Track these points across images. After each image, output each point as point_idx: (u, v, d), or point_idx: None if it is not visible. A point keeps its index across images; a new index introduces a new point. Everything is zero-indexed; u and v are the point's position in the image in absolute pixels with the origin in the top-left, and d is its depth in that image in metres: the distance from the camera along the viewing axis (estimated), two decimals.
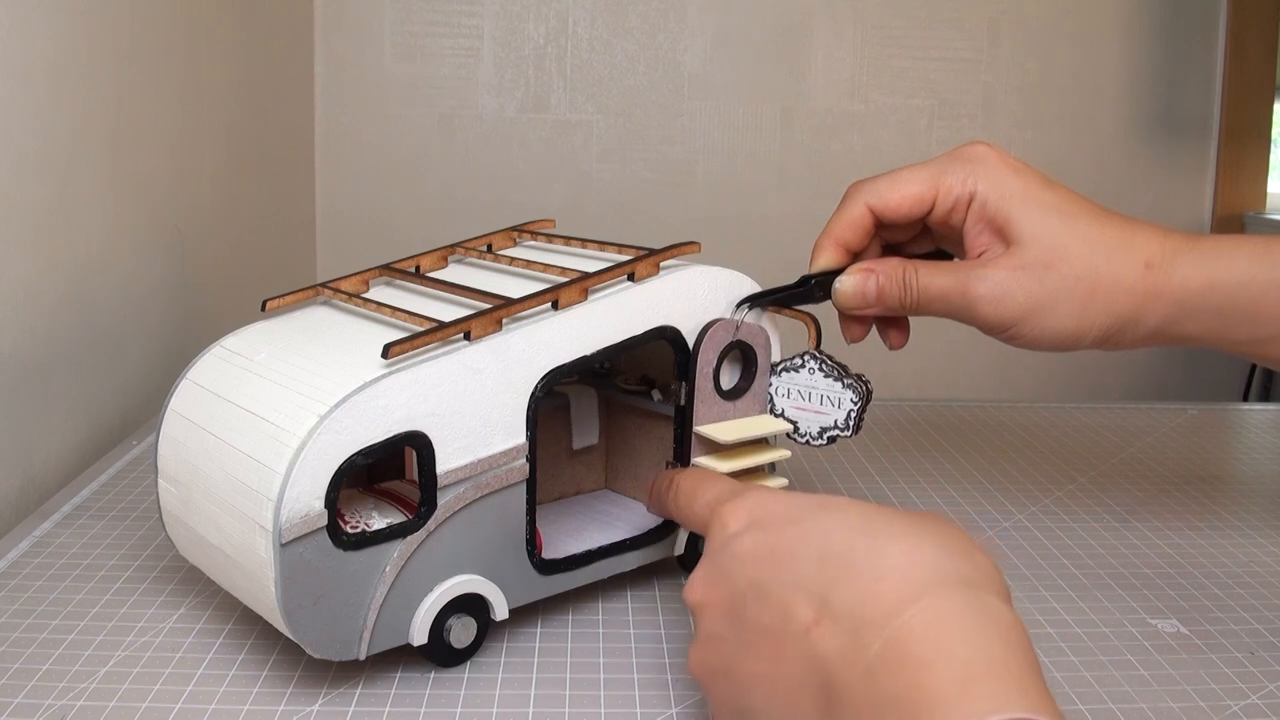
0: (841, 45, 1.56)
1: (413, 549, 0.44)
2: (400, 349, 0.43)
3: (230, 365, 0.49)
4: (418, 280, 0.54)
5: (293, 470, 0.41)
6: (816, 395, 0.54)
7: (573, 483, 0.60)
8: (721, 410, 0.53)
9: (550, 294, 0.48)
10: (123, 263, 0.86)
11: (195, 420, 0.47)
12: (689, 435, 0.52)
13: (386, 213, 1.55)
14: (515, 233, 0.61)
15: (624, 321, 0.50)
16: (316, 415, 0.41)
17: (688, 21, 1.55)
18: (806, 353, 0.54)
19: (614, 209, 1.57)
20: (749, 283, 0.54)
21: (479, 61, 1.54)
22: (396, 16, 1.52)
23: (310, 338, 0.49)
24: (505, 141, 1.55)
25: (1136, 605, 0.54)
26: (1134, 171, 1.62)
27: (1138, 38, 1.59)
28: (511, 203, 1.55)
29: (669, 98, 1.56)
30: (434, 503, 0.44)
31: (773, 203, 1.58)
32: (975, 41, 1.57)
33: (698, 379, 0.52)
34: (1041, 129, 1.60)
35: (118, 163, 0.85)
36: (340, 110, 1.52)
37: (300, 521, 0.41)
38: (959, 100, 1.58)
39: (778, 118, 1.57)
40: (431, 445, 0.44)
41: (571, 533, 0.55)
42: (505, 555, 0.47)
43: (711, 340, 0.52)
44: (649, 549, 0.54)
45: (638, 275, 0.51)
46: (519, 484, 0.47)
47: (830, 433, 0.54)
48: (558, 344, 0.47)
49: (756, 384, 0.54)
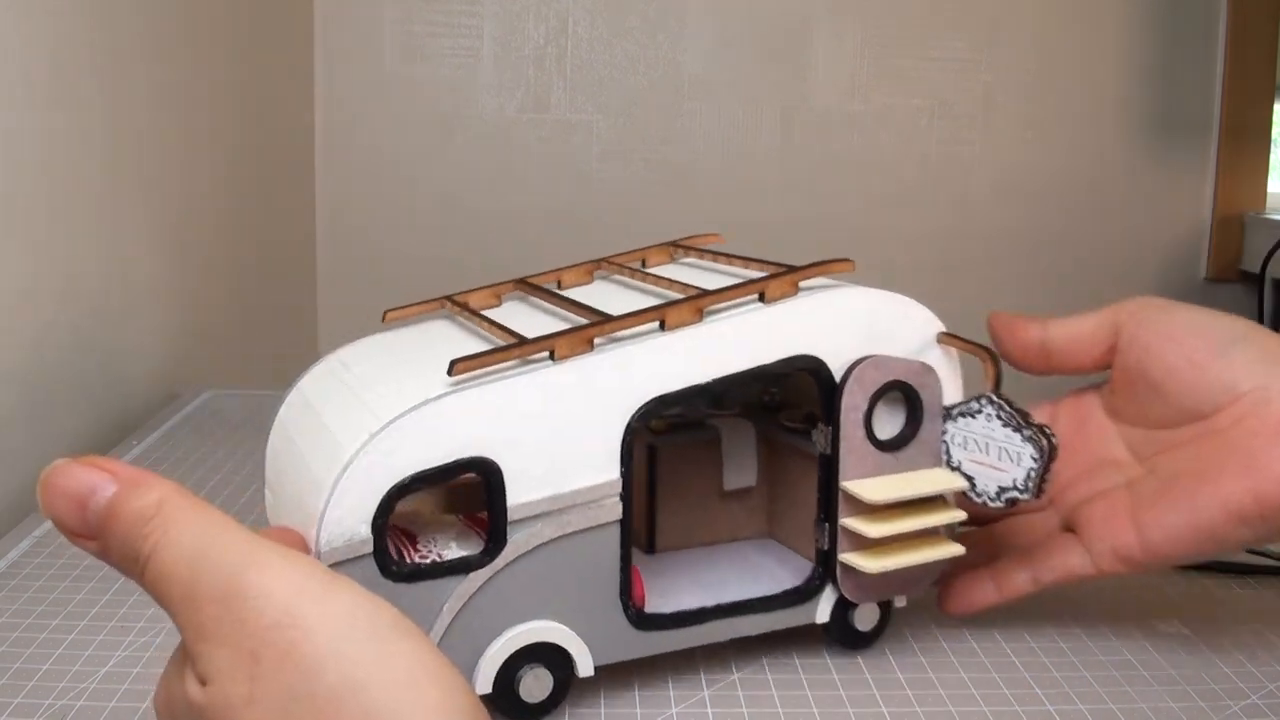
0: (841, 45, 1.56)
1: (476, 587, 0.40)
2: (467, 366, 0.39)
3: (332, 376, 0.46)
4: (547, 297, 0.49)
5: (335, 489, 0.38)
6: (994, 448, 0.46)
7: (727, 528, 0.53)
8: (878, 463, 0.45)
9: (656, 312, 0.42)
10: (123, 263, 0.86)
11: (289, 430, 0.45)
12: (835, 490, 0.45)
13: (386, 212, 1.55)
14: (673, 248, 0.57)
15: (748, 347, 0.43)
16: (368, 432, 0.38)
17: (688, 21, 1.54)
18: (984, 396, 0.46)
19: (614, 209, 1.57)
20: (923, 312, 0.47)
21: (479, 61, 1.54)
22: (396, 16, 1.52)
23: (413, 352, 0.46)
24: (505, 141, 1.55)
25: (1137, 605, 0.54)
26: (1134, 171, 1.61)
27: (1138, 38, 1.59)
28: (512, 203, 1.55)
29: (669, 98, 1.56)
30: (503, 538, 0.40)
31: (773, 203, 1.58)
32: (975, 41, 1.57)
33: (844, 425, 0.45)
34: (1041, 129, 1.60)
35: (117, 163, 0.84)
36: (340, 110, 1.52)
37: (343, 546, 0.38)
38: (959, 100, 1.58)
39: (778, 118, 1.57)
40: (501, 474, 0.40)
41: (703, 585, 0.48)
42: (593, 604, 0.42)
43: (860, 381, 0.44)
44: (782, 613, 0.46)
45: (769, 295, 0.44)
46: (609, 525, 0.42)
47: (1008, 494, 0.46)
48: (662, 369, 0.42)
49: (925, 432, 0.46)
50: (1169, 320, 0.48)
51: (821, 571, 0.47)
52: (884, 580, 0.47)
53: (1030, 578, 0.48)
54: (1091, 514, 0.48)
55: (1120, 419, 0.50)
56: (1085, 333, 0.49)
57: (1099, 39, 1.59)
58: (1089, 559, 0.47)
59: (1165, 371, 0.47)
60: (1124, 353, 0.48)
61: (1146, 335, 0.48)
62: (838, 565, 0.46)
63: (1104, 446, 0.50)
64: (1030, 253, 1.62)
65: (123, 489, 0.32)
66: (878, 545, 0.46)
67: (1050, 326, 0.50)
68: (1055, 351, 0.50)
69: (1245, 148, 1.60)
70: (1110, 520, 0.47)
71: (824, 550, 0.47)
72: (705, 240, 0.56)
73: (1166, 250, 1.62)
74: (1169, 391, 0.47)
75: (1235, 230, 1.60)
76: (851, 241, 1.58)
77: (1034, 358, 0.50)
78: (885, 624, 0.49)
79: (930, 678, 0.47)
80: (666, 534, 0.52)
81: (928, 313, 0.47)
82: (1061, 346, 0.50)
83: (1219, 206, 1.61)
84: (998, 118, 1.59)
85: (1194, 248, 1.63)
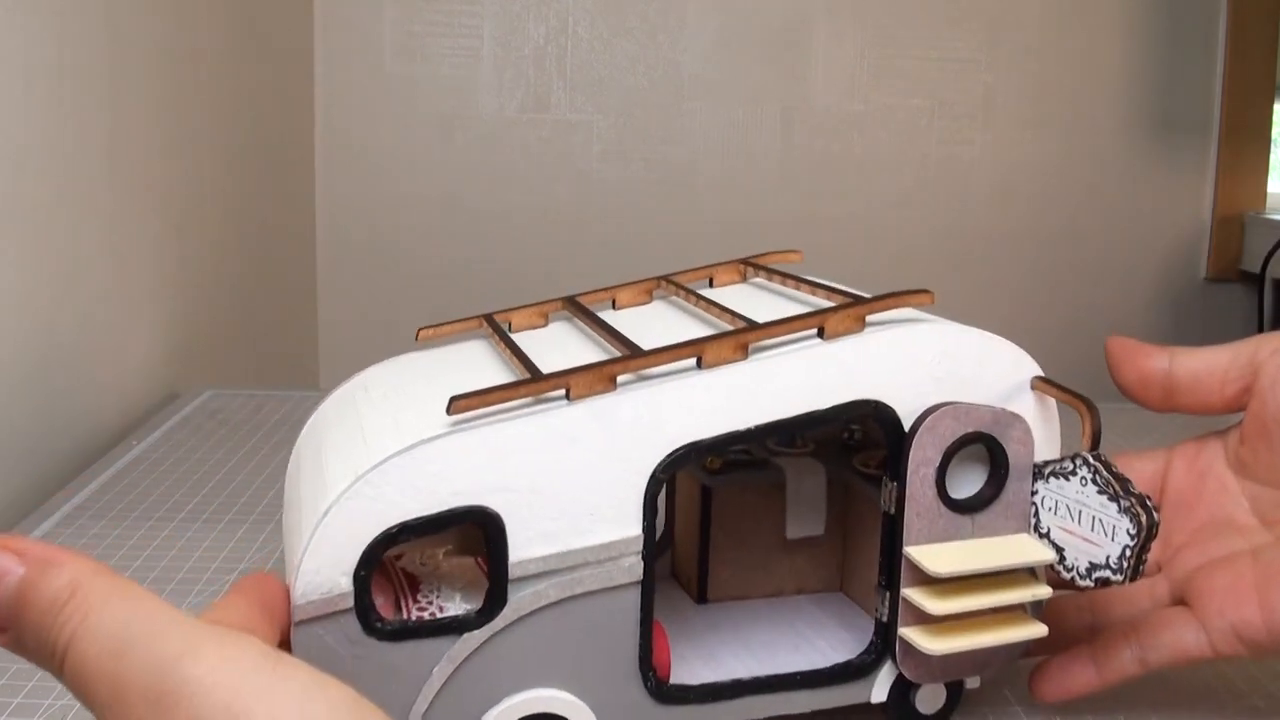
0: (841, 45, 1.56)
1: (472, 649, 0.36)
2: (468, 404, 0.35)
3: (351, 399, 0.42)
4: (591, 321, 0.44)
5: (314, 536, 0.34)
6: (1088, 517, 0.39)
7: (792, 580, 0.49)
8: (951, 526, 0.40)
9: (693, 348, 0.38)
10: (122, 262, 0.86)
11: (301, 455, 0.42)
12: (899, 555, 0.40)
13: (386, 212, 1.55)
14: (744, 265, 0.51)
15: (800, 390, 0.38)
16: (354, 474, 0.35)
17: (688, 21, 1.55)
18: (1079, 455, 0.39)
19: (614, 209, 1.57)
20: (1013, 352, 0.41)
21: (479, 61, 1.54)
22: (396, 16, 1.52)
23: (430, 381, 0.42)
24: (505, 141, 1.55)
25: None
26: (1134, 171, 1.61)
27: (1138, 38, 1.59)
28: (511, 203, 1.55)
29: (669, 98, 1.56)
30: (503, 597, 0.36)
31: (773, 202, 1.58)
32: (975, 41, 1.57)
33: (911, 481, 0.39)
34: (1041, 129, 1.60)
35: (116, 163, 0.84)
36: (340, 110, 1.52)
37: (320, 600, 0.34)
38: (959, 100, 1.58)
39: (778, 118, 1.57)
40: (502, 526, 0.36)
41: (750, 648, 0.44)
42: (608, 674, 0.38)
43: (934, 432, 0.39)
44: (832, 690, 0.41)
45: (830, 330, 0.39)
46: (628, 586, 0.37)
47: (1099, 573, 0.39)
48: (696, 413, 0.37)
49: (1009, 492, 0.40)
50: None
51: (880, 645, 0.41)
52: (950, 661, 0.41)
53: (1136, 658, 0.42)
54: (1210, 585, 0.41)
55: (1248, 475, 0.43)
56: (1218, 367, 0.43)
57: (1099, 39, 1.59)
58: (1205, 637, 0.41)
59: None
60: (1261, 396, 0.42)
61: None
62: (897, 640, 0.41)
63: (1225, 506, 0.44)
64: (1030, 253, 1.62)
65: (31, 571, 0.28)
66: (944, 622, 0.40)
67: (1177, 356, 0.44)
68: (1180, 386, 0.44)
69: (1245, 148, 1.60)
70: (1232, 593, 0.40)
71: (884, 622, 0.41)
72: (783, 258, 0.51)
73: (1166, 250, 1.62)
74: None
75: (1235, 230, 1.60)
76: (850, 242, 1.58)
77: (1155, 392, 0.44)
78: (953, 706, 0.43)
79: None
80: (720, 584, 0.48)
81: (1020, 353, 0.41)
82: (1188, 381, 0.43)
83: (1219, 206, 1.61)
84: (998, 118, 1.59)
85: (1194, 248, 1.63)
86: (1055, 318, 1.62)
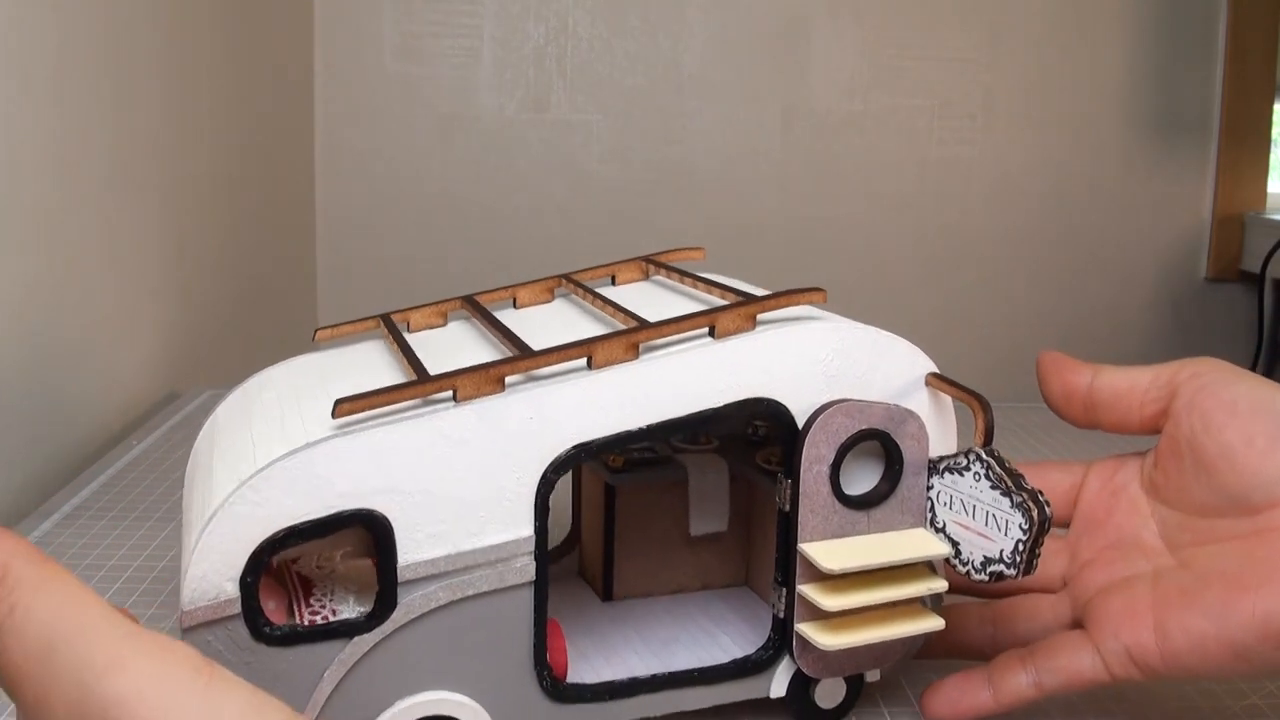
0: (841, 45, 1.56)
1: (362, 653, 0.36)
2: (353, 407, 0.35)
3: (245, 403, 0.42)
4: (487, 321, 0.44)
5: (199, 543, 0.34)
6: (981, 511, 0.39)
7: (697, 575, 0.49)
8: (845, 522, 0.40)
9: (582, 348, 0.38)
10: (122, 263, 0.86)
11: (196, 459, 0.42)
12: (794, 551, 0.40)
13: (386, 213, 1.55)
14: (646, 264, 0.51)
15: (691, 389, 0.38)
16: (239, 479, 0.34)
17: (688, 21, 1.55)
18: (972, 450, 0.40)
19: (614, 209, 1.57)
20: (908, 350, 0.41)
21: (479, 61, 1.54)
22: (396, 16, 1.52)
23: (323, 382, 0.42)
24: (505, 141, 1.55)
25: None
26: (1134, 171, 1.62)
27: (1138, 38, 1.59)
28: (511, 203, 1.55)
29: (669, 98, 1.56)
30: (393, 600, 0.36)
31: (773, 203, 1.58)
32: (975, 41, 1.57)
33: (804, 478, 0.39)
34: (1041, 129, 1.60)
35: (116, 163, 0.85)
36: (340, 110, 1.52)
37: (207, 605, 0.34)
38: (959, 100, 1.58)
39: (778, 118, 1.57)
40: (390, 529, 0.35)
41: (652, 645, 0.44)
42: (501, 675, 0.38)
43: (826, 429, 0.39)
44: (731, 685, 0.41)
45: (720, 329, 0.39)
46: (520, 587, 0.37)
47: (993, 567, 0.39)
48: (587, 414, 0.37)
49: (905, 488, 0.40)
50: (1233, 390, 0.41)
51: (777, 640, 0.41)
52: (848, 655, 0.41)
53: (1032, 681, 0.41)
54: (1106, 608, 0.41)
55: (1158, 497, 0.43)
56: (1139, 387, 0.43)
57: (1099, 39, 1.59)
58: (1100, 660, 0.40)
59: (1218, 449, 0.40)
60: (1176, 419, 0.42)
61: (1206, 403, 0.41)
62: (794, 636, 0.41)
63: (1134, 526, 0.44)
64: (1030, 253, 1.62)
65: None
66: (840, 617, 0.40)
67: (1101, 374, 0.44)
68: (1101, 403, 0.44)
69: (1245, 148, 1.60)
70: (1128, 616, 0.40)
71: (781, 618, 0.41)
72: (685, 256, 0.51)
73: (1166, 250, 1.62)
74: (1218, 473, 0.40)
75: (1235, 230, 1.60)
76: (850, 242, 1.58)
77: (1077, 407, 0.44)
78: (853, 700, 0.43)
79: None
80: (625, 581, 0.48)
81: (914, 350, 0.41)
82: (1108, 399, 0.44)
83: (1219, 206, 1.61)
84: (998, 118, 1.59)
85: (1194, 248, 1.63)
86: (1055, 318, 1.62)
